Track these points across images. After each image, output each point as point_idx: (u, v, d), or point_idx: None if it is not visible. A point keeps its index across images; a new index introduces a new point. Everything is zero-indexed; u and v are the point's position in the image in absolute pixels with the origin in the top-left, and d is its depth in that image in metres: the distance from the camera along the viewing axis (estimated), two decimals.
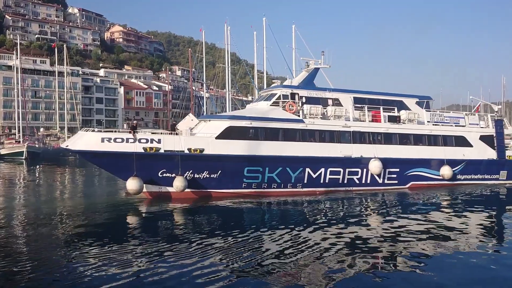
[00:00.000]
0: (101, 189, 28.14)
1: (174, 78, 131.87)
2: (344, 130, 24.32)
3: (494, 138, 28.42)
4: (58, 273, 10.40)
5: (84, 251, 12.30)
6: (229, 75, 58.86)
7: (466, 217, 17.62)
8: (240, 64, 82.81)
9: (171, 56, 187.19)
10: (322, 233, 14.29)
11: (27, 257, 11.44)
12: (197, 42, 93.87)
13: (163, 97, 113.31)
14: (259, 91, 29.27)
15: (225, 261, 11.29)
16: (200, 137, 21.61)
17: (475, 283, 9.94)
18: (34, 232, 14.62)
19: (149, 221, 17.59)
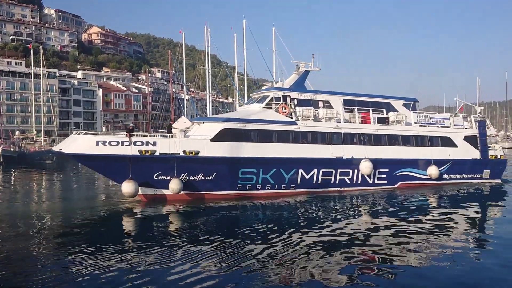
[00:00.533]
0: (81, 193, 27.59)
1: (154, 80, 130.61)
2: (336, 131, 24.82)
3: (478, 138, 29.31)
4: (50, 279, 10.23)
5: (75, 257, 12.13)
6: (210, 77, 58.64)
7: (453, 216, 18.12)
8: (220, 66, 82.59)
9: (150, 58, 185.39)
10: (316, 234, 14.55)
11: (16, 265, 11.29)
12: (177, 44, 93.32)
13: (142, 99, 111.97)
14: (250, 94, 29.38)
15: (220, 263, 11.34)
16: (195, 140, 21.67)
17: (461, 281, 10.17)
18: (17, 239, 14.25)
19: (143, 224, 17.40)
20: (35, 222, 17.16)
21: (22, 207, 21.18)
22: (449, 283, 10.08)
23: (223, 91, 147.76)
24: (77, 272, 10.68)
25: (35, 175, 42.62)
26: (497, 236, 14.56)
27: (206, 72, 58.33)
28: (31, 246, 13.30)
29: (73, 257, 12.24)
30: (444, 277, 10.40)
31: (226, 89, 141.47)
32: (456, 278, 10.33)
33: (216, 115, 28.47)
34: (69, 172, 42.58)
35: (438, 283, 10.05)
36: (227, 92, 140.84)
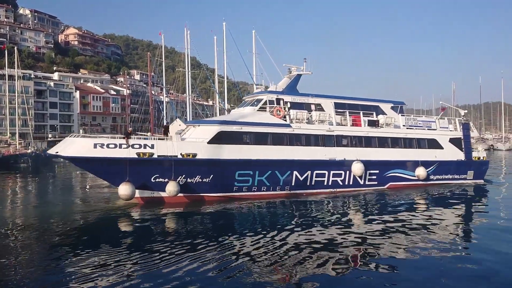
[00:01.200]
0: (58, 197, 26.99)
1: (132, 82, 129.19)
2: (328, 134, 25.29)
3: (462, 140, 30.33)
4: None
5: (68, 261, 12.04)
6: (189, 80, 58.35)
7: (441, 215, 18.68)
8: (200, 68, 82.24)
9: (129, 60, 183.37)
10: (310, 234, 14.88)
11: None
12: (156, 46, 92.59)
13: (121, 102, 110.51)
14: (243, 96, 29.59)
15: (215, 265, 11.41)
16: (193, 142, 21.70)
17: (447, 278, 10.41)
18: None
19: (139, 227, 17.21)
20: (14, 228, 16.69)
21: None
22: (436, 277, 10.52)
23: (203, 93, 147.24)
24: (70, 276, 10.61)
25: (9, 178, 41.49)
26: (481, 234, 15.17)
27: (186, 74, 58.05)
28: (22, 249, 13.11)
29: (66, 262, 12.10)
30: (432, 272, 10.82)
31: (206, 92, 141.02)
32: (443, 272, 10.76)
33: (211, 118, 28.51)
34: (45, 176, 41.64)
35: (426, 277, 10.47)
36: (207, 95, 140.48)
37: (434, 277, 10.44)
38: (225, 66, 55.82)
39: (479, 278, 10.36)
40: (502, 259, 11.93)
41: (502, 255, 12.20)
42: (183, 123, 25.09)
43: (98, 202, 22.06)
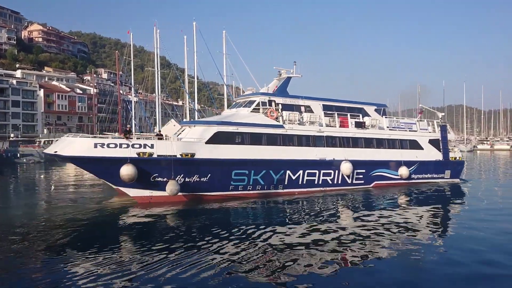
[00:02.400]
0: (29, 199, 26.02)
1: (100, 81, 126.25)
2: (319, 135, 26.22)
3: (440, 141, 32.00)
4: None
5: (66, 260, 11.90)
6: (159, 79, 57.62)
7: (421, 212, 19.62)
8: (170, 68, 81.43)
9: (96, 58, 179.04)
10: (302, 231, 15.28)
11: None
12: (124, 44, 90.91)
13: (88, 101, 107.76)
14: (234, 98, 29.74)
15: (213, 263, 11.50)
16: (191, 142, 21.99)
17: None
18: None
19: (138, 226, 16.97)
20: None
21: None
22: (415, 271, 11.06)
23: (173, 93, 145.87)
24: (66, 277, 10.48)
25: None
26: (458, 228, 16.34)
27: (155, 74, 57.29)
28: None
29: (64, 261, 11.99)
30: (410, 268, 11.40)
31: (175, 92, 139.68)
32: (420, 271, 11.24)
33: (206, 119, 28.88)
34: (7, 177, 40.14)
35: (406, 274, 10.93)
36: (177, 95, 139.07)
37: (411, 275, 10.79)
38: (195, 66, 55.53)
39: (455, 275, 10.71)
40: (473, 254, 12.52)
41: (474, 251, 12.79)
42: (178, 123, 25.35)
43: (87, 203, 21.77)
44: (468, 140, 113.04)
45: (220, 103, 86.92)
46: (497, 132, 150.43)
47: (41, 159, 60.73)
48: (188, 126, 24.27)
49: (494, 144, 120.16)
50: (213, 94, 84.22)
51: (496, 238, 14.45)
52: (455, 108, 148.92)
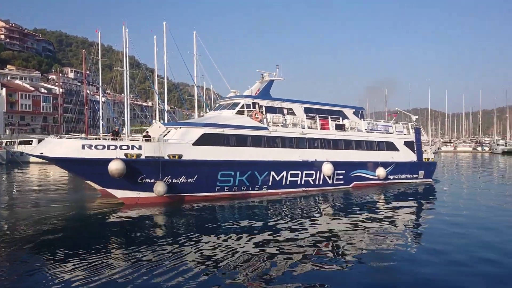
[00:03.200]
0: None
1: (66, 81, 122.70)
2: (301, 137, 26.85)
3: (414, 143, 33.29)
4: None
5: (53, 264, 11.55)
6: (127, 79, 56.58)
7: (397, 211, 20.29)
8: (139, 68, 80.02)
9: (62, 57, 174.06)
10: (284, 231, 15.47)
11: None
12: (92, 43, 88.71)
13: (53, 101, 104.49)
14: (218, 100, 30.02)
15: (198, 263, 11.50)
16: (179, 144, 22.10)
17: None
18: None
19: (125, 227, 16.70)
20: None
21: None
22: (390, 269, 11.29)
23: (142, 94, 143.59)
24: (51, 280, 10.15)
25: None
26: (429, 226, 17.29)
27: (124, 74, 56.20)
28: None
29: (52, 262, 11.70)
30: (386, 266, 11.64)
31: (145, 92, 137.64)
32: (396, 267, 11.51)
33: (192, 120, 28.83)
34: None
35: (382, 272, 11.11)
36: (146, 95, 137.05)
37: (386, 275, 10.92)
38: (165, 66, 54.83)
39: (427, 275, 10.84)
40: (442, 253, 12.87)
41: (444, 252, 13.05)
42: (162, 124, 25.15)
43: (70, 205, 21.30)
44: (432, 142, 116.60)
45: (190, 104, 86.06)
46: (460, 134, 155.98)
47: (2, 161, 58.30)
48: (173, 128, 24.30)
49: (457, 146, 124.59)
50: (183, 95, 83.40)
51: (469, 234, 15.21)
52: (421, 111, 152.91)
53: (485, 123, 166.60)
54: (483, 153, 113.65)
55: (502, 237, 14.87)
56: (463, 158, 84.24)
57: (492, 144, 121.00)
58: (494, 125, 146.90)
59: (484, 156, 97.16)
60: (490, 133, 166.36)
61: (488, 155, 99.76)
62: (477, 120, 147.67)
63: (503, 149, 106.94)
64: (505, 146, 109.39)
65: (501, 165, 59.97)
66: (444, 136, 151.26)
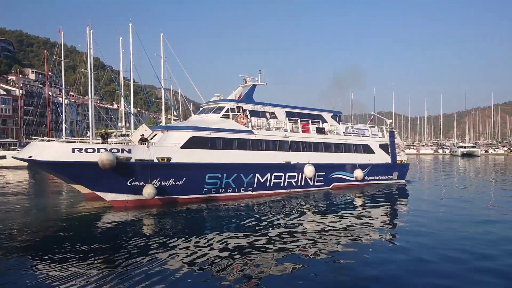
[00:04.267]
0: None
1: (26, 82, 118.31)
2: (284, 140, 27.71)
3: (389, 146, 34.84)
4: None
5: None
6: (92, 81, 55.17)
7: (374, 210, 21.24)
8: (104, 70, 78.26)
9: (22, 58, 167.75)
10: (270, 232, 15.79)
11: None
12: (54, 43, 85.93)
13: (12, 103, 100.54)
14: (150, 100, 29.77)
15: (186, 265, 11.58)
16: (167, 147, 22.41)
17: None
18: None
19: (112, 231, 16.43)
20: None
21: None
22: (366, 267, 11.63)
23: (107, 96, 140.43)
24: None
25: None
26: (404, 223, 18.22)
27: (88, 75, 54.80)
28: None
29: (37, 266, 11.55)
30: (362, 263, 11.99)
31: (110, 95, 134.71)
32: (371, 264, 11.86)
33: (179, 124, 28.85)
34: None
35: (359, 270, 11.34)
36: (112, 98, 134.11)
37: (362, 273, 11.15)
38: (132, 68, 53.88)
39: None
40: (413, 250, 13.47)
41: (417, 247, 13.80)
42: (149, 128, 25.37)
43: (57, 209, 21.12)
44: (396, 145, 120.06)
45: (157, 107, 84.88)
46: (422, 137, 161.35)
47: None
48: (160, 131, 24.69)
49: (420, 149, 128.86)
50: (150, 97, 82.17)
51: (438, 230, 16.21)
52: (385, 115, 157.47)
53: (445, 126, 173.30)
54: (444, 155, 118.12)
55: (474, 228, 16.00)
56: (425, 160, 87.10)
57: (452, 147, 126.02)
58: (454, 129, 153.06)
59: (445, 158, 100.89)
60: (450, 136, 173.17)
61: (449, 157, 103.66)
62: (438, 123, 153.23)
63: (462, 151, 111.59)
64: (464, 149, 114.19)
65: (461, 166, 62.57)
66: (407, 139, 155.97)
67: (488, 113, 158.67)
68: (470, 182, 37.32)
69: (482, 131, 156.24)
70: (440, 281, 10.30)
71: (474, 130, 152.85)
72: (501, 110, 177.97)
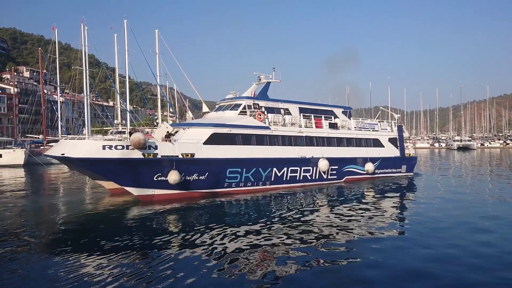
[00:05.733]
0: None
1: (21, 80, 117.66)
2: (299, 135, 28.67)
3: (397, 140, 35.94)
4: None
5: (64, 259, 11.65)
6: (87, 78, 54.99)
7: (386, 201, 22.10)
8: (100, 67, 77.89)
9: (17, 55, 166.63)
10: (290, 223, 16.33)
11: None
12: (49, 41, 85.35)
13: (7, 101, 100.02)
14: (146, 97, 30.35)
15: (210, 256, 11.85)
16: (191, 143, 23.31)
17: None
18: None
19: (140, 224, 16.92)
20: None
21: None
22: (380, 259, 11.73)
23: (103, 93, 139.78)
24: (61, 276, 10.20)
25: None
26: (414, 214, 18.59)
27: (83, 73, 54.57)
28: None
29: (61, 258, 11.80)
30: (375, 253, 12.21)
31: (106, 92, 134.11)
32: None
33: (199, 121, 29.07)
34: None
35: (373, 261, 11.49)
36: (108, 95, 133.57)
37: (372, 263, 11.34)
38: (127, 65, 53.71)
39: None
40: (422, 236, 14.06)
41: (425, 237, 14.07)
42: (170, 125, 25.89)
43: (85, 204, 21.69)
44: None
45: (153, 103, 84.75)
46: (418, 131, 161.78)
47: None
48: (182, 128, 25.41)
49: (416, 143, 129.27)
50: (146, 94, 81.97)
51: (450, 220, 16.90)
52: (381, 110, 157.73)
53: (441, 120, 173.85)
54: (440, 149, 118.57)
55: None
56: (422, 154, 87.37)
57: (448, 141, 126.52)
58: (450, 122, 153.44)
59: (441, 151, 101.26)
60: (446, 130, 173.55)
61: (445, 151, 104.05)
62: (434, 117, 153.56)
63: (458, 145, 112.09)
64: (460, 142, 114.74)
65: (458, 159, 62.84)
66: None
67: (483, 107, 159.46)
68: (477, 173, 37.86)
69: (478, 124, 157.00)
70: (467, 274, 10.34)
71: (470, 124, 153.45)
72: (496, 103, 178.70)
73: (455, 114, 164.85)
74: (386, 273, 10.46)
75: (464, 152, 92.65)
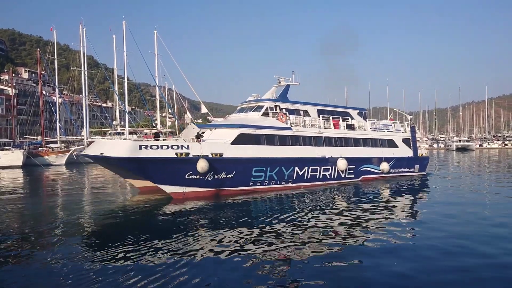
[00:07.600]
0: None
1: (19, 81, 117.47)
2: (319, 135, 29.90)
3: (410, 140, 37.14)
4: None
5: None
6: (86, 80, 54.93)
7: (401, 199, 22.91)
8: (98, 68, 77.80)
9: (15, 56, 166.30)
10: (315, 219, 16.92)
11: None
12: (47, 42, 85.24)
13: (5, 102, 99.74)
14: (240, 103, 31.93)
15: (240, 252, 12.13)
16: (219, 143, 24.47)
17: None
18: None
19: (171, 220, 17.73)
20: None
21: None
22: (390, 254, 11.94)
23: (102, 94, 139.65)
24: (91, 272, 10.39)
25: None
26: (427, 212, 18.99)
27: (82, 74, 54.49)
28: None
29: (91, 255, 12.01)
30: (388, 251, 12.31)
31: (105, 93, 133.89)
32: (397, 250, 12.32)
33: (224, 122, 30.30)
34: None
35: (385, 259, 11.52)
36: (106, 96, 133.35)
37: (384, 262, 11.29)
38: (125, 66, 53.61)
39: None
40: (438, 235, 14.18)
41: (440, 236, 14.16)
42: (197, 126, 27.10)
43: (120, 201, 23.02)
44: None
45: (152, 104, 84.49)
46: (417, 132, 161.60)
47: None
48: (208, 129, 26.57)
49: None
50: (144, 95, 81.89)
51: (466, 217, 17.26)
52: (380, 110, 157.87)
53: (440, 121, 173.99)
54: (439, 149, 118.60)
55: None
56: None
57: (447, 141, 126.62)
58: (448, 123, 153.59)
59: (440, 152, 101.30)
60: (445, 131, 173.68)
61: (444, 152, 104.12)
62: (432, 118, 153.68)
63: (457, 146, 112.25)
64: (458, 143, 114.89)
65: (458, 159, 62.83)
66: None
67: (482, 107, 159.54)
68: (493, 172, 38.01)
69: (477, 125, 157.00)
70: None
71: (469, 124, 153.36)
72: (495, 104, 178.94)
73: (454, 115, 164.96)
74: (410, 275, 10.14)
75: (463, 153, 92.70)
